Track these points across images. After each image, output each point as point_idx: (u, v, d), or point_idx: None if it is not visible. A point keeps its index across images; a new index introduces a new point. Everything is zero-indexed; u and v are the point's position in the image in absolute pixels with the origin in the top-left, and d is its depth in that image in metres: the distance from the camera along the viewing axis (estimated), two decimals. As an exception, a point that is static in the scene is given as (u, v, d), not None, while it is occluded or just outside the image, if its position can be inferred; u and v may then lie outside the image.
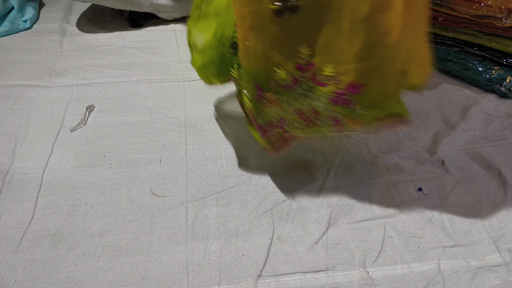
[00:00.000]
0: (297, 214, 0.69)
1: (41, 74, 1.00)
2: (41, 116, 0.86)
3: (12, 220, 0.65)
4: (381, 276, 0.61)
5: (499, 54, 1.00)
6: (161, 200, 0.70)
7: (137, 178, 0.73)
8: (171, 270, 0.59)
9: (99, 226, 0.65)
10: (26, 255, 0.60)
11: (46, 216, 0.66)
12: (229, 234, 0.65)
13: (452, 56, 1.06)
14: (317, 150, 0.82)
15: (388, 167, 0.79)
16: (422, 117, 0.93)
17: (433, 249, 0.65)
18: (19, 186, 0.70)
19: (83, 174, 0.73)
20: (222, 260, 0.61)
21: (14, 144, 0.79)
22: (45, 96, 0.92)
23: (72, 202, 0.68)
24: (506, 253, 0.65)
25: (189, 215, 0.67)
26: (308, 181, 0.75)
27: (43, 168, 0.74)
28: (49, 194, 0.69)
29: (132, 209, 0.68)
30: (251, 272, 0.59)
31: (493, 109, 0.96)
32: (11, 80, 0.97)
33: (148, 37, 1.19)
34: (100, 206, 0.68)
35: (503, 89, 0.99)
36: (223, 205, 0.69)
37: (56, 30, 1.21)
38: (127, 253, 0.61)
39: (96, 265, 0.59)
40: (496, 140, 0.85)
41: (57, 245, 0.62)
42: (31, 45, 1.12)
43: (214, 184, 0.73)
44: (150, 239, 0.63)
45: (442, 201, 0.73)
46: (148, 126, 0.86)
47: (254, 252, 0.62)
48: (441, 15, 1.04)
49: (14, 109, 0.88)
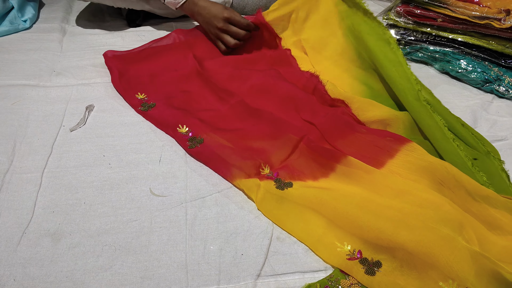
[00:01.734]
0: (296, 214, 0.69)
1: (40, 73, 1.00)
2: (40, 116, 0.86)
3: (11, 219, 0.65)
4: (380, 276, 0.61)
5: (498, 55, 1.00)
6: (160, 200, 0.70)
7: (136, 177, 0.73)
8: (170, 270, 0.59)
9: (98, 226, 0.65)
10: (25, 254, 0.60)
11: (45, 215, 0.66)
12: (228, 233, 0.65)
13: (451, 57, 1.06)
14: (316, 150, 0.82)
15: (387, 168, 0.79)
16: (421, 117, 0.93)
17: (431, 249, 0.65)
18: (18, 186, 0.70)
19: (83, 173, 0.73)
20: (221, 259, 0.61)
21: (13, 143, 0.79)
22: (45, 95, 0.92)
23: (72, 202, 0.68)
24: (505, 253, 0.65)
25: (189, 214, 0.67)
26: (307, 181, 0.75)
27: (42, 168, 0.74)
28: (48, 194, 0.69)
29: (132, 208, 0.68)
30: (250, 272, 0.59)
31: (492, 110, 0.96)
32: (10, 79, 0.97)
33: (147, 37, 1.19)
34: (100, 205, 0.68)
35: (501, 89, 0.99)
36: (223, 205, 0.69)
37: (56, 30, 1.21)
38: (126, 253, 0.61)
39: (96, 264, 0.59)
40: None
41: (56, 244, 0.62)
42: (30, 44, 1.12)
43: (213, 184, 0.73)
44: (149, 239, 0.63)
45: (441, 202, 0.73)
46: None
47: (253, 252, 0.62)
48: (440, 16, 1.04)
49: (14, 108, 0.88)
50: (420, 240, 0.57)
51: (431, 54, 1.09)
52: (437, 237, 0.57)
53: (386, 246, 0.58)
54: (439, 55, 1.08)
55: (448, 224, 0.59)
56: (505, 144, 0.85)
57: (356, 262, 0.59)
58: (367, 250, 0.60)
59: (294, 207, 0.67)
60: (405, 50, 1.14)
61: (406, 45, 1.13)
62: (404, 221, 0.60)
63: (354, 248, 0.61)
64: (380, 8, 1.45)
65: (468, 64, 1.03)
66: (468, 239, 0.59)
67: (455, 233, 0.58)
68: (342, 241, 0.62)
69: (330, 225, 0.64)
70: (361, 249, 0.60)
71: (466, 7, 0.99)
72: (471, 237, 0.59)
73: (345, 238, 0.62)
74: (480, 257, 0.55)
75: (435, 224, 0.59)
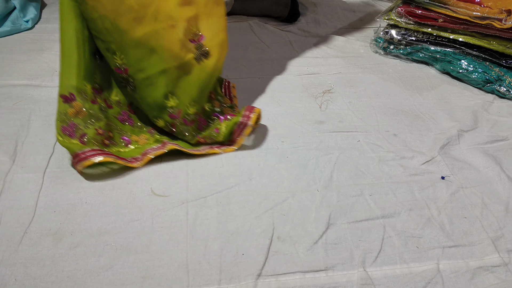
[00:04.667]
0: (297, 214, 0.69)
1: (42, 74, 1.00)
2: (42, 116, 0.87)
3: (13, 219, 0.65)
4: (380, 276, 0.61)
5: (499, 55, 1.00)
6: (161, 200, 0.70)
7: (137, 177, 0.74)
8: (172, 269, 0.59)
9: (99, 225, 0.65)
10: (27, 254, 0.60)
11: (47, 215, 0.66)
12: (229, 233, 0.65)
13: (452, 57, 1.06)
14: (317, 150, 0.82)
15: (388, 167, 0.79)
16: (422, 117, 0.93)
17: (432, 249, 0.65)
18: (20, 185, 0.70)
19: (84, 173, 0.74)
20: (222, 259, 0.61)
21: (15, 143, 0.79)
22: (47, 95, 0.93)
23: (73, 202, 0.68)
24: (505, 254, 0.65)
25: (190, 214, 0.67)
26: (308, 181, 0.75)
27: (44, 168, 0.74)
28: (50, 193, 0.69)
29: (133, 208, 0.68)
30: (251, 272, 0.59)
31: (492, 109, 0.96)
32: (12, 80, 0.97)
33: (149, 37, 1.19)
34: (101, 205, 0.68)
35: (502, 90, 0.99)
36: (223, 205, 0.69)
37: (57, 30, 1.21)
38: (127, 252, 0.61)
39: (97, 264, 0.59)
40: (496, 141, 0.85)
41: (57, 244, 0.62)
42: (32, 45, 1.12)
43: (214, 184, 0.73)
44: (150, 238, 0.63)
45: (442, 202, 0.73)
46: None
47: (254, 252, 0.62)
48: (441, 17, 1.04)
49: (16, 108, 0.88)
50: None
51: (432, 54, 1.09)
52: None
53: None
54: (440, 55, 1.08)
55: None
56: (506, 144, 0.85)
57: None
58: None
59: None
60: (406, 50, 1.14)
61: (407, 45, 1.13)
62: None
63: None
64: (381, 9, 1.45)
65: (469, 65, 1.03)
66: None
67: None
68: None
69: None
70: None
71: (467, 8, 0.99)
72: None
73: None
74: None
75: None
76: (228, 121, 0.81)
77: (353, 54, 1.18)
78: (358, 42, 1.25)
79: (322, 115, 0.92)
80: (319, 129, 0.88)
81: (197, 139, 0.79)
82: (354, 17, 1.41)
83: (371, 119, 0.92)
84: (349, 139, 0.86)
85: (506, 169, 0.79)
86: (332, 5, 1.48)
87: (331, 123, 0.90)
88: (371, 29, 1.33)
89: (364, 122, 0.91)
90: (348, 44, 1.24)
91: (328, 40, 1.25)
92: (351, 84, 1.04)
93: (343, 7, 1.47)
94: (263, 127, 0.87)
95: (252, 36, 1.25)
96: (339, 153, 0.82)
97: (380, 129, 0.89)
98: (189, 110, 0.77)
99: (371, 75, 1.09)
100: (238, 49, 1.17)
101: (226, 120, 0.82)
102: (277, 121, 0.90)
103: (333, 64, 1.13)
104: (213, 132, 0.80)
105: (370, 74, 1.09)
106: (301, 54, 1.17)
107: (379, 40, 1.19)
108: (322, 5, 1.46)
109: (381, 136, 0.87)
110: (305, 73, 1.08)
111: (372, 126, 0.90)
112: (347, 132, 0.87)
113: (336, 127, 0.89)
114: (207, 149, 0.80)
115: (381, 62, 1.15)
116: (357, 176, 0.77)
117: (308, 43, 1.23)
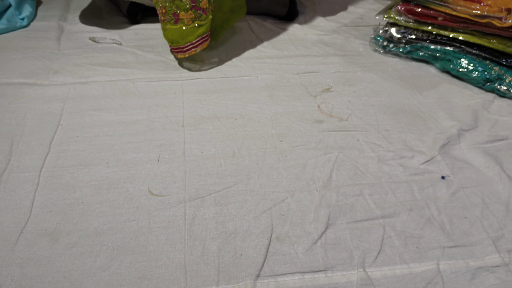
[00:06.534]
0: (295, 214, 0.68)
1: (38, 72, 0.99)
2: (38, 115, 0.86)
3: (8, 219, 0.64)
4: (380, 276, 0.60)
5: (499, 54, 1.00)
6: (159, 200, 0.69)
7: (134, 177, 0.73)
8: (169, 270, 0.59)
9: (96, 226, 0.64)
10: (23, 254, 0.59)
11: (43, 215, 0.65)
12: (227, 234, 0.64)
13: (452, 56, 1.06)
14: (316, 150, 0.82)
15: (388, 167, 0.79)
16: (422, 116, 0.93)
17: (432, 249, 0.65)
18: (15, 185, 0.70)
19: (80, 173, 0.73)
20: (221, 260, 0.60)
21: (10, 142, 0.78)
22: (42, 94, 0.92)
23: (69, 201, 0.68)
24: (506, 254, 0.64)
25: (187, 214, 0.67)
26: (307, 181, 0.75)
27: (40, 167, 0.73)
28: (46, 193, 0.69)
29: (130, 208, 0.67)
30: (250, 272, 0.59)
31: (493, 109, 0.96)
32: (7, 78, 0.96)
33: (146, 35, 1.18)
34: (98, 205, 0.67)
35: (503, 89, 0.99)
36: (222, 205, 0.69)
37: (53, 28, 1.20)
38: (124, 253, 0.60)
39: (94, 264, 0.59)
40: (496, 140, 0.85)
41: (54, 244, 0.61)
42: (28, 43, 1.11)
43: (212, 184, 0.73)
44: (147, 239, 0.63)
45: (442, 202, 0.72)
46: (146, 125, 0.85)
47: (252, 252, 0.61)
48: (441, 15, 1.04)
49: (11, 107, 0.87)
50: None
51: (432, 53, 1.09)
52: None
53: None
54: (440, 54, 1.07)
55: None
56: (506, 143, 0.85)
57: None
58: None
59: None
60: (406, 49, 1.13)
61: (406, 44, 1.13)
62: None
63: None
64: (380, 7, 1.44)
65: (469, 63, 1.03)
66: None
67: None
68: None
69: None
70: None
71: (467, 6, 0.98)
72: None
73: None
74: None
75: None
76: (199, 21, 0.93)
77: (352, 53, 1.18)
78: (357, 40, 1.24)
79: (321, 114, 0.92)
80: (318, 128, 0.87)
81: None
82: (353, 15, 1.41)
83: (370, 118, 0.92)
84: (348, 138, 0.85)
85: (507, 168, 0.78)
86: (331, 3, 1.47)
87: (330, 122, 0.90)
88: (371, 28, 1.32)
89: (364, 121, 0.90)
90: (347, 43, 1.23)
91: (327, 38, 1.25)
92: (350, 83, 1.04)
93: (342, 5, 1.46)
94: (262, 126, 0.86)
95: (251, 35, 1.24)
96: (338, 152, 0.81)
97: (380, 129, 0.89)
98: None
99: (371, 73, 1.08)
100: (236, 48, 1.16)
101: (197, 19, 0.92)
102: (275, 120, 0.89)
103: (332, 62, 1.12)
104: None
105: (370, 72, 1.09)
106: (299, 53, 1.16)
107: (379, 38, 1.18)
108: (321, 3, 1.46)
109: (380, 135, 0.86)
110: (303, 71, 1.07)
111: (371, 125, 0.89)
112: (346, 132, 0.87)
113: (335, 126, 0.88)
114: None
115: (380, 61, 1.14)
116: (356, 176, 0.76)
117: (307, 41, 1.22)
